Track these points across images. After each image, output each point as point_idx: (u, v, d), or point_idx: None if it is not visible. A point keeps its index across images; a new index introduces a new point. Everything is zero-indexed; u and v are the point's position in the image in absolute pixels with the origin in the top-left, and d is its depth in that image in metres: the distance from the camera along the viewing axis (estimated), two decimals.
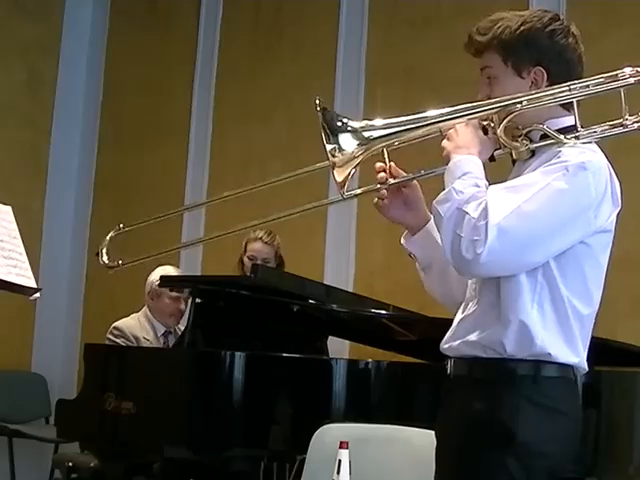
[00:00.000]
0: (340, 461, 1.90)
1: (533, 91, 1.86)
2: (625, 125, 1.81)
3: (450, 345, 1.91)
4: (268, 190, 2.20)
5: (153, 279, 4.30)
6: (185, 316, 4.13)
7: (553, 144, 1.83)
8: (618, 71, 1.80)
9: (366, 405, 3.42)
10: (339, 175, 1.87)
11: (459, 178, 1.80)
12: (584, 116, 1.85)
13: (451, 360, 1.93)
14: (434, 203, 1.81)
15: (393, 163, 1.98)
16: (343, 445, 1.92)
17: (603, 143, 1.86)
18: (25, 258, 2.53)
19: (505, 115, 1.84)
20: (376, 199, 1.99)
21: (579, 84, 1.82)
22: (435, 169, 1.93)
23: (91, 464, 4.13)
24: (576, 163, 1.76)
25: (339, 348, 4.35)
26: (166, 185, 5.47)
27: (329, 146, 1.85)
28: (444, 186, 1.83)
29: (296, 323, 3.81)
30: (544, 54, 1.88)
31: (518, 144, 1.86)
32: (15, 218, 2.61)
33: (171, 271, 4.29)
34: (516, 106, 1.83)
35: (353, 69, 5.01)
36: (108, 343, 4.11)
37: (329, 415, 3.27)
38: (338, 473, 1.89)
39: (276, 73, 5.30)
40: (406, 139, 1.91)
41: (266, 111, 5.29)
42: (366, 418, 2.81)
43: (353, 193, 1.98)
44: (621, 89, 1.79)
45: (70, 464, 4.29)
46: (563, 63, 1.89)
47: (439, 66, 4.66)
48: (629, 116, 1.81)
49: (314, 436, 2.54)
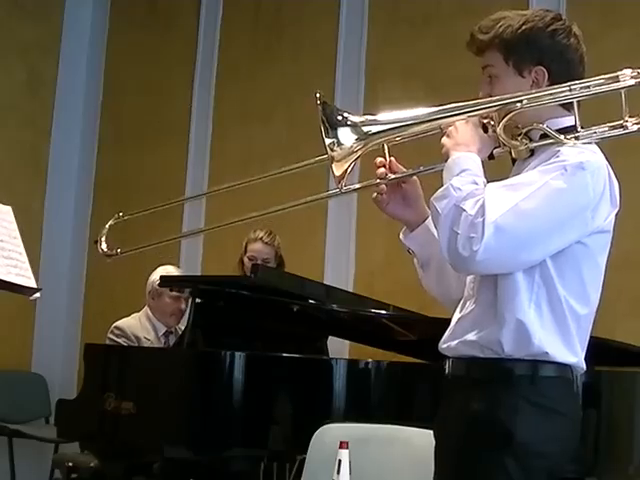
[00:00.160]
0: (340, 461, 1.90)
1: (533, 90, 1.86)
2: (625, 126, 1.81)
3: (448, 345, 1.91)
4: (268, 187, 2.20)
5: (154, 279, 4.30)
6: (185, 316, 4.13)
7: (553, 144, 1.82)
8: (619, 72, 1.79)
9: (366, 405, 3.42)
10: (337, 169, 1.87)
11: (457, 175, 1.80)
12: (584, 117, 1.85)
13: (449, 360, 1.93)
14: (432, 200, 1.81)
15: (393, 158, 1.98)
16: (343, 445, 1.91)
17: (602, 143, 1.85)
18: (25, 258, 2.53)
19: (505, 113, 1.84)
20: (375, 194, 1.99)
21: (579, 84, 1.82)
22: (435, 166, 1.93)
23: (91, 464, 4.12)
24: (575, 163, 1.76)
25: (339, 348, 4.35)
26: (166, 185, 5.46)
27: (328, 140, 1.85)
28: (442, 183, 1.83)
29: (296, 323, 3.80)
30: (545, 54, 1.88)
31: (517, 143, 1.86)
32: (15, 218, 2.61)
33: (172, 271, 4.30)
34: (516, 105, 1.83)
35: (353, 69, 5.01)
36: (109, 343, 4.11)
37: (329, 415, 3.27)
38: (338, 473, 1.89)
39: (276, 73, 5.30)
40: (406, 135, 1.91)
41: (266, 111, 5.29)
42: (366, 418, 2.80)
43: (351, 187, 1.98)
44: (622, 90, 1.78)
45: (70, 464, 4.29)
46: (564, 63, 1.89)
47: (439, 65, 4.66)
48: (629, 117, 1.80)
49: (314, 436, 2.54)
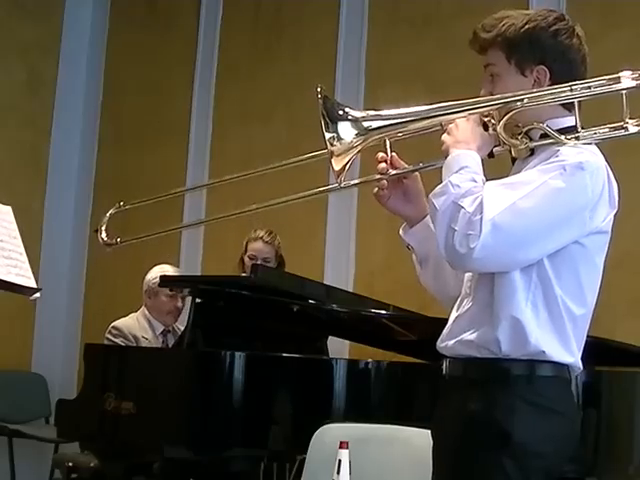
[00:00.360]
0: (340, 461, 1.90)
1: (534, 89, 1.86)
2: (626, 128, 1.81)
3: (446, 344, 1.92)
4: (268, 185, 2.21)
5: (150, 278, 4.31)
6: (184, 315, 4.13)
7: (553, 144, 1.82)
8: (620, 73, 1.79)
9: (366, 405, 3.42)
10: (337, 164, 1.86)
11: (456, 172, 1.80)
12: (584, 117, 1.85)
13: (446, 360, 1.94)
14: (430, 196, 1.81)
15: (395, 154, 1.97)
16: (343, 445, 1.91)
17: (601, 143, 1.85)
18: (25, 258, 2.53)
19: (506, 112, 1.84)
20: (376, 189, 1.99)
21: (581, 84, 1.82)
22: (436, 162, 1.92)
23: (91, 464, 4.12)
24: (574, 163, 1.76)
25: (339, 348, 4.35)
26: (166, 185, 5.40)
27: (328, 134, 1.85)
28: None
29: (296, 323, 3.80)
30: (548, 53, 1.88)
31: (517, 142, 1.86)
32: (15, 218, 2.61)
33: (168, 270, 4.30)
34: (517, 104, 1.83)
35: (353, 69, 5.00)
36: (107, 343, 4.11)
37: (329, 415, 3.27)
38: (338, 473, 1.89)
39: (276, 73, 5.30)
40: (406, 131, 1.91)
41: (266, 111, 5.29)
42: (366, 418, 2.80)
43: (351, 182, 1.98)
44: (622, 92, 1.79)
45: (70, 464, 4.29)
46: (566, 63, 1.89)
47: (439, 66, 4.66)
48: (630, 119, 1.80)
49: (314, 436, 2.53)
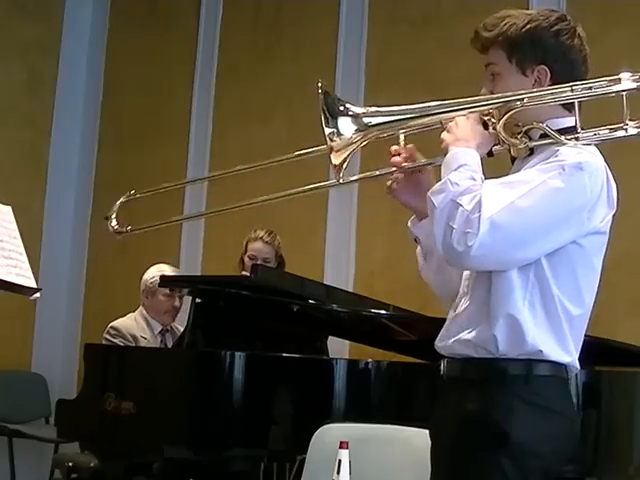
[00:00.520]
0: (340, 461, 1.90)
1: (535, 89, 1.86)
2: (625, 129, 1.81)
3: (444, 344, 1.92)
4: (269, 184, 2.21)
5: (147, 277, 4.31)
6: (183, 315, 4.13)
7: (552, 144, 1.82)
8: (620, 75, 1.80)
9: (366, 405, 3.42)
10: (336, 159, 1.87)
11: (455, 170, 1.80)
12: (584, 118, 1.85)
13: (444, 361, 1.94)
14: (429, 193, 1.81)
15: (412, 145, 1.97)
16: (343, 445, 1.91)
17: (601, 144, 1.85)
18: (25, 258, 2.53)
19: (506, 111, 1.85)
20: (390, 181, 1.97)
21: (581, 85, 1.82)
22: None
23: (91, 464, 4.13)
24: (573, 163, 1.76)
25: (339, 348, 4.35)
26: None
27: (328, 130, 1.85)
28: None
29: (296, 323, 3.80)
30: (549, 53, 1.88)
31: (517, 141, 1.86)
32: (15, 218, 2.61)
33: (166, 269, 4.30)
34: (517, 103, 1.83)
35: (353, 69, 5.01)
36: (105, 343, 4.11)
37: (329, 415, 3.27)
38: (338, 473, 1.89)
39: (276, 73, 5.30)
40: (406, 128, 1.91)
41: (266, 111, 5.29)
42: (366, 418, 2.80)
43: (350, 179, 1.99)
44: (623, 93, 1.79)
45: (70, 464, 4.29)
46: (567, 63, 1.89)
47: (439, 66, 4.66)
48: (630, 121, 1.80)
49: (314, 436, 2.53)
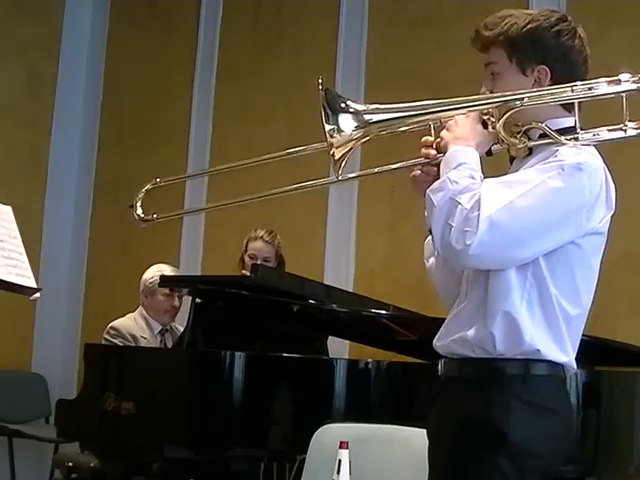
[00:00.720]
0: (340, 461, 1.90)
1: (535, 89, 1.86)
2: (625, 130, 1.81)
3: (442, 343, 1.92)
4: (269, 183, 2.21)
5: (147, 277, 4.32)
6: (183, 315, 4.14)
7: (551, 144, 1.83)
8: (621, 76, 1.80)
9: (366, 405, 3.42)
10: (336, 156, 1.87)
11: (455, 168, 1.80)
12: (583, 119, 1.85)
13: (442, 361, 1.94)
14: (428, 191, 1.82)
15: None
16: (343, 445, 1.92)
17: (600, 144, 1.86)
18: (25, 258, 2.53)
19: (505, 110, 1.85)
20: (418, 172, 1.94)
21: (582, 86, 1.82)
22: None
23: (91, 464, 4.13)
24: (572, 163, 1.76)
25: (339, 348, 4.35)
26: (166, 185, 5.46)
27: (328, 126, 1.85)
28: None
29: (296, 323, 3.81)
30: (549, 53, 1.88)
31: (516, 141, 1.86)
32: (15, 218, 2.61)
33: (165, 269, 4.31)
34: (516, 102, 1.83)
35: (353, 69, 5.01)
36: (105, 343, 4.11)
37: (329, 415, 3.27)
38: (338, 473, 1.89)
39: (276, 73, 5.30)
40: (406, 126, 1.91)
41: (266, 111, 5.29)
42: (366, 418, 2.80)
43: (349, 176, 1.99)
44: (623, 94, 1.79)
45: (70, 464, 4.29)
46: (567, 64, 1.89)
47: (439, 66, 4.66)
48: (629, 122, 1.81)
49: (314, 436, 2.54)
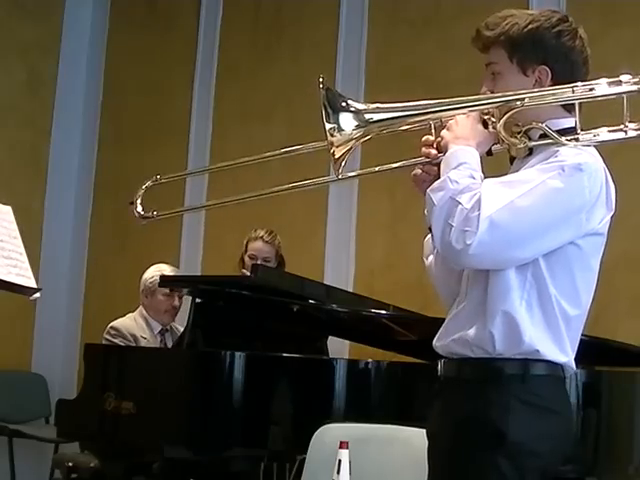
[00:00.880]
0: (340, 461, 1.90)
1: (536, 89, 1.86)
2: (625, 131, 1.81)
3: (442, 343, 1.93)
4: (269, 183, 2.22)
5: (147, 277, 4.32)
6: (183, 315, 4.14)
7: (551, 144, 1.83)
8: (621, 77, 1.80)
9: (366, 405, 3.42)
10: (336, 155, 1.87)
11: (455, 168, 1.80)
12: (584, 119, 1.85)
13: (441, 361, 1.95)
14: (428, 191, 1.82)
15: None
16: (343, 445, 1.92)
17: (600, 145, 1.86)
18: (25, 258, 2.53)
19: (506, 111, 1.85)
20: (419, 171, 1.95)
21: (582, 86, 1.82)
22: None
23: (91, 464, 4.12)
24: (572, 164, 1.76)
25: (339, 348, 4.35)
26: (167, 185, 5.45)
27: (328, 125, 1.85)
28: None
29: (296, 323, 3.81)
30: (550, 54, 1.88)
31: (516, 141, 1.86)
32: (15, 218, 2.61)
33: (165, 269, 4.31)
34: (517, 103, 1.83)
35: (353, 69, 5.01)
36: (105, 343, 4.11)
37: (329, 415, 3.27)
38: (338, 473, 1.89)
39: (276, 73, 5.30)
40: (406, 125, 1.91)
41: (266, 111, 5.29)
42: (366, 418, 2.80)
43: (349, 174, 1.99)
44: (624, 95, 1.79)
45: (70, 464, 4.28)
46: (568, 64, 1.89)
47: (439, 66, 4.66)
48: (629, 123, 1.80)
49: (314, 436, 2.54)
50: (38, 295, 2.55)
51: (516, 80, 1.89)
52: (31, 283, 2.50)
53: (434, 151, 1.91)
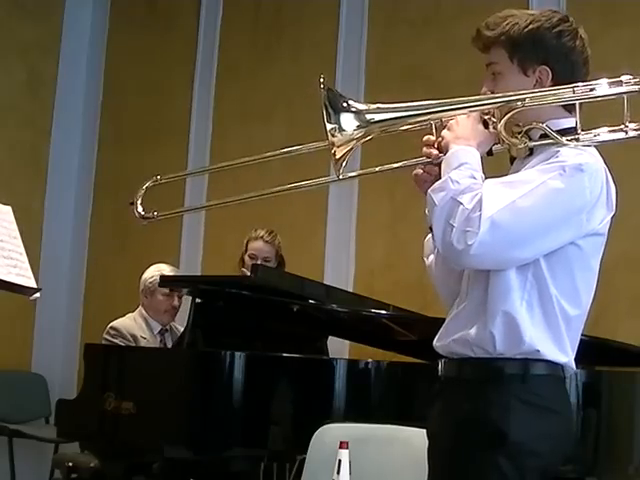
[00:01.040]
0: (340, 461, 1.90)
1: (537, 89, 1.86)
2: (625, 132, 1.81)
3: (442, 343, 1.93)
4: (270, 184, 2.22)
5: (147, 277, 4.32)
6: (183, 315, 4.14)
7: (552, 144, 1.83)
8: (622, 77, 1.80)
9: (366, 405, 3.42)
10: (337, 155, 1.87)
11: (456, 168, 1.81)
12: (585, 119, 1.85)
13: (441, 361, 1.95)
14: (429, 191, 1.82)
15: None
16: (343, 445, 1.92)
17: (601, 145, 1.86)
18: (25, 258, 2.53)
19: (507, 111, 1.85)
20: (420, 171, 1.94)
21: (583, 87, 1.82)
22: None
23: (91, 464, 4.13)
24: (573, 164, 1.76)
25: (339, 348, 4.35)
26: (167, 185, 5.45)
27: (329, 125, 1.85)
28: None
29: (296, 323, 3.81)
30: (550, 54, 1.88)
31: (517, 141, 1.86)
32: (15, 218, 2.61)
33: (165, 269, 4.31)
34: (518, 103, 1.83)
35: (353, 69, 5.01)
36: (105, 343, 4.11)
37: (329, 415, 3.27)
38: (338, 473, 1.89)
39: (276, 73, 5.30)
40: (407, 125, 1.92)
41: (266, 111, 5.29)
42: (366, 418, 2.80)
43: (350, 174, 2.00)
44: (624, 95, 1.79)
45: (70, 464, 4.29)
46: (569, 65, 1.89)
47: (439, 66, 4.66)
48: (630, 123, 1.81)
49: (314, 436, 2.54)
50: (38, 295, 2.55)
51: (516, 80, 1.89)
52: (31, 283, 2.50)
53: (435, 151, 1.91)
